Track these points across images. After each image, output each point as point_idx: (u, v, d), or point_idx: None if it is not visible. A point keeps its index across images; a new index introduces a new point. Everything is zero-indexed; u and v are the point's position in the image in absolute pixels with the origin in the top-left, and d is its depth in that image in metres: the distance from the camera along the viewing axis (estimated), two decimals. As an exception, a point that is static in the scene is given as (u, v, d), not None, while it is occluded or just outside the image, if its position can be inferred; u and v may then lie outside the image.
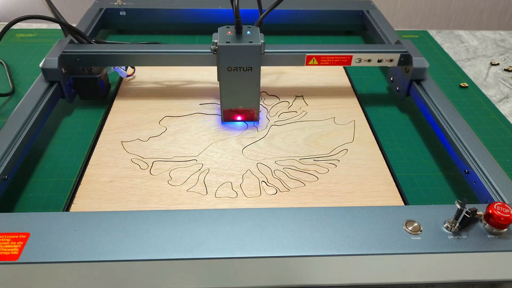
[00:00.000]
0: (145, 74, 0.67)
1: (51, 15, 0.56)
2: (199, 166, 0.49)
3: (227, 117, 0.55)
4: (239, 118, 0.55)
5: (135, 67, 0.66)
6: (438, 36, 0.87)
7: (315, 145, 0.53)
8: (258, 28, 0.51)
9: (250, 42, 0.48)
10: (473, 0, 1.43)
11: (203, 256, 0.34)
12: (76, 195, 0.45)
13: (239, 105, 0.54)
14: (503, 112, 0.63)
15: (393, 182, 0.48)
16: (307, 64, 0.58)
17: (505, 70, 0.76)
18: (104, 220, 0.36)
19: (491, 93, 0.69)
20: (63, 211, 0.44)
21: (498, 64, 0.77)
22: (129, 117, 0.57)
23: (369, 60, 0.58)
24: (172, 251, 0.34)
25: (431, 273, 0.36)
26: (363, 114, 0.59)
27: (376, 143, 0.54)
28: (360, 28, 0.83)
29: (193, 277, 0.35)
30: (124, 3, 0.79)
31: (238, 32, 0.49)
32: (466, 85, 0.69)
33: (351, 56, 0.58)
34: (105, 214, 0.37)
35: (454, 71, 0.74)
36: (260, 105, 0.60)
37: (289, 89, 0.64)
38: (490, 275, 0.37)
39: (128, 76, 0.65)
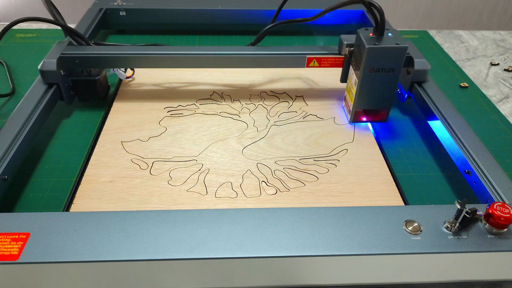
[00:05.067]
0: (145, 76, 0.67)
1: (50, 17, 0.56)
2: (199, 166, 0.49)
3: (356, 117, 0.55)
4: (364, 118, 0.56)
5: (134, 68, 0.66)
6: (438, 36, 0.87)
7: (315, 145, 0.53)
8: (398, 31, 0.52)
9: (397, 44, 0.49)
10: (473, 0, 1.43)
11: (203, 256, 0.34)
12: (76, 195, 0.45)
13: (372, 106, 0.54)
14: (503, 112, 0.63)
15: (393, 182, 0.48)
16: (307, 66, 0.58)
17: (505, 70, 0.76)
18: (104, 220, 0.36)
19: (491, 93, 0.69)
20: (63, 211, 0.44)
21: (498, 64, 0.77)
22: (129, 117, 0.57)
23: None
24: (172, 251, 0.34)
25: (431, 273, 0.36)
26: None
27: (376, 143, 0.54)
28: (360, 28, 0.83)
29: (193, 277, 0.35)
30: (124, 3, 0.79)
31: (381, 34, 0.50)
32: (466, 85, 0.69)
33: None
34: (105, 214, 0.37)
35: (454, 71, 0.74)
36: (260, 105, 0.60)
37: (289, 89, 0.64)
38: (490, 275, 0.37)
39: (127, 77, 0.65)
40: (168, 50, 0.58)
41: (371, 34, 0.51)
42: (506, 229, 0.36)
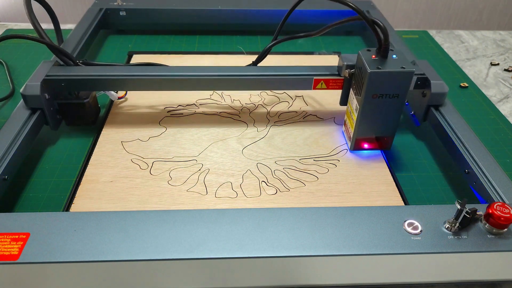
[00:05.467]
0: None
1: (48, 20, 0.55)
2: (199, 166, 0.49)
3: (357, 145, 0.51)
4: (365, 145, 0.51)
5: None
6: (438, 36, 0.87)
7: (315, 145, 0.53)
8: (402, 52, 0.47)
9: (403, 68, 0.44)
10: (473, 0, 1.43)
11: (203, 256, 0.34)
12: (76, 195, 0.45)
13: (374, 133, 0.50)
14: (503, 112, 0.63)
15: (393, 182, 0.48)
16: (314, 88, 0.54)
17: (505, 70, 0.76)
18: (104, 220, 0.36)
19: (491, 93, 0.69)
20: (63, 211, 0.44)
21: (498, 64, 0.77)
22: (129, 117, 0.57)
23: None
24: (172, 251, 0.34)
25: (431, 273, 0.36)
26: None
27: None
28: (360, 28, 0.83)
29: (193, 277, 0.35)
30: (124, 3, 0.79)
31: (384, 56, 0.46)
32: (466, 85, 0.69)
33: None
34: (105, 214, 0.37)
35: (454, 71, 0.74)
36: (260, 105, 0.60)
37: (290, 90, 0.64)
38: (490, 275, 0.37)
39: (119, 98, 0.60)
40: (163, 71, 0.53)
41: (373, 56, 0.46)
42: (506, 229, 0.36)
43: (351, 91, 0.51)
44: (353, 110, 0.49)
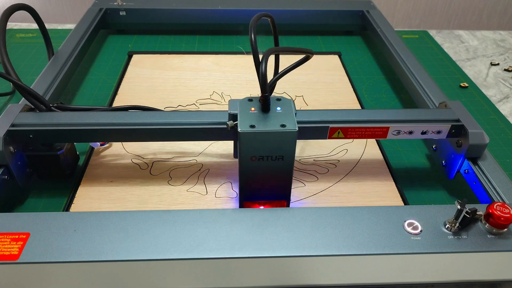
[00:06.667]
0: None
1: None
2: (199, 166, 0.49)
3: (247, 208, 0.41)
4: (261, 208, 0.41)
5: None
6: (438, 36, 0.87)
7: (315, 145, 0.53)
8: (292, 101, 0.39)
9: (283, 126, 0.36)
10: (473, 0, 1.43)
11: (203, 256, 0.34)
12: (76, 195, 0.45)
13: (260, 198, 0.42)
14: (503, 112, 0.63)
15: (393, 182, 0.48)
16: (329, 138, 0.46)
17: (505, 70, 0.76)
18: (104, 220, 0.36)
19: (491, 93, 0.69)
20: (63, 211, 0.44)
21: (498, 64, 0.77)
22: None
23: (411, 132, 0.46)
24: (172, 251, 0.34)
25: (431, 273, 0.36)
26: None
27: (376, 143, 0.54)
28: (360, 28, 0.83)
29: (193, 277, 0.35)
30: (124, 3, 0.79)
31: (265, 110, 0.38)
32: (466, 85, 0.69)
33: (387, 128, 0.45)
34: (105, 214, 0.37)
35: (454, 71, 0.74)
36: (260, 105, 0.60)
37: (289, 89, 0.64)
38: (490, 275, 0.37)
39: (101, 144, 0.51)
40: (155, 118, 0.44)
41: (253, 108, 0.38)
42: (506, 229, 0.36)
43: None
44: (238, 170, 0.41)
